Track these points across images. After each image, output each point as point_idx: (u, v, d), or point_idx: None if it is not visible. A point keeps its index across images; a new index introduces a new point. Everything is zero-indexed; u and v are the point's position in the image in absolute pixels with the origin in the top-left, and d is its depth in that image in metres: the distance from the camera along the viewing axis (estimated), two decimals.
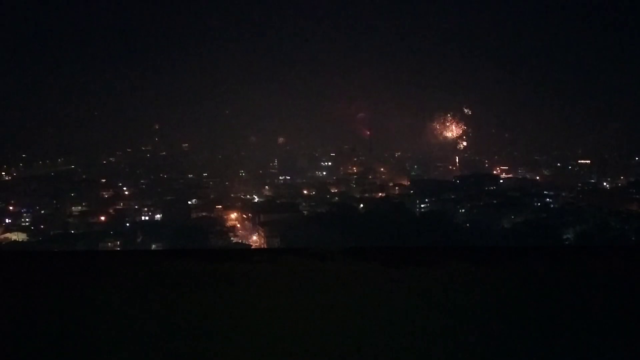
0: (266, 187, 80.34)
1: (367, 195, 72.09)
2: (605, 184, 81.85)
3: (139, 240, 52.02)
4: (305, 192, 75.57)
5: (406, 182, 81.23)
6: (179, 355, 2.97)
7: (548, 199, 67.14)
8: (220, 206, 66.46)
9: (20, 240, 53.14)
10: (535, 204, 65.07)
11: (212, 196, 72.15)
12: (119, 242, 49.88)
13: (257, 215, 59.27)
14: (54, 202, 66.65)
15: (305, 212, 61.88)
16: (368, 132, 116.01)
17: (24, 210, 64.50)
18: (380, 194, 72.75)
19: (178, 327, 3.26)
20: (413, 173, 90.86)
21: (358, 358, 2.97)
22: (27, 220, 62.25)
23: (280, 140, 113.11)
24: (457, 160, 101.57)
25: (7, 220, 60.90)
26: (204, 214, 63.47)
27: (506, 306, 3.63)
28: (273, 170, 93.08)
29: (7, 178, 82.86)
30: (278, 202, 66.75)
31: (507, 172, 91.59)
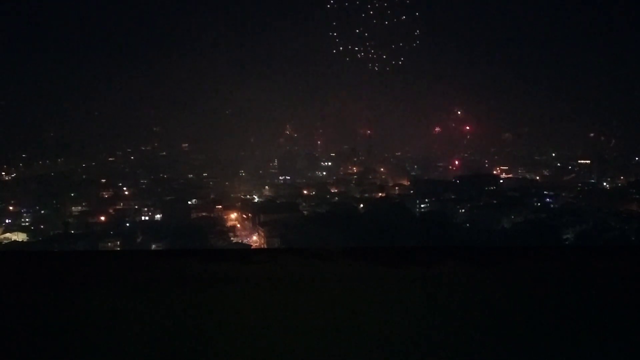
0: (266, 187, 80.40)
1: (367, 195, 72.13)
2: (605, 184, 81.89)
3: (139, 240, 52.03)
4: (305, 192, 75.59)
5: (406, 182, 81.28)
6: (178, 355, 2.98)
7: (548, 199, 67.16)
8: (220, 206, 66.51)
9: (20, 240, 53.17)
10: (535, 204, 65.08)
11: (212, 196, 72.20)
12: (119, 242, 49.88)
13: (257, 215, 59.28)
14: (54, 202, 66.68)
15: (305, 212, 61.89)
16: (368, 133, 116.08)
17: (24, 210, 64.57)
18: (380, 194, 72.78)
19: (178, 327, 3.26)
20: (413, 173, 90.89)
21: (358, 358, 2.97)
22: (27, 220, 62.31)
23: (280, 140, 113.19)
24: (457, 160, 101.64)
25: (7, 220, 60.94)
26: (204, 214, 63.51)
27: (506, 306, 3.63)
28: (273, 170, 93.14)
29: (7, 178, 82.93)
30: (278, 202, 66.80)
31: (507, 172, 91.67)
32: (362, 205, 65.62)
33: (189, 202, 67.69)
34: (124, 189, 75.86)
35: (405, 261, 4.49)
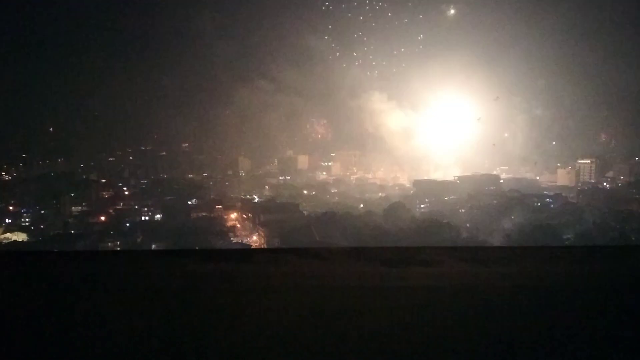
0: (266, 187, 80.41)
1: (367, 195, 72.14)
2: (605, 184, 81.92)
3: (139, 240, 52.04)
4: (305, 192, 75.59)
5: (406, 182, 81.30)
6: (178, 355, 2.97)
7: (548, 199, 67.19)
8: (220, 206, 66.51)
9: (20, 240, 53.17)
10: (535, 204, 65.11)
11: (212, 196, 72.18)
12: (119, 242, 49.90)
13: (257, 215, 59.28)
14: (54, 202, 66.67)
15: (305, 212, 61.90)
16: (368, 133, 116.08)
17: (24, 210, 64.56)
18: (380, 194, 72.79)
19: (178, 327, 3.26)
20: (413, 173, 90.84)
21: (358, 358, 2.97)
22: (27, 220, 62.30)
23: (280, 140, 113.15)
24: (456, 160, 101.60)
25: (7, 220, 60.95)
26: (204, 214, 63.49)
27: (506, 306, 3.63)
28: (273, 170, 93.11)
29: (7, 178, 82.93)
30: (278, 202, 66.79)
31: (507, 172, 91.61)
32: (362, 205, 65.64)
33: (189, 202, 67.68)
34: (124, 189, 75.89)
35: (405, 261, 4.49)
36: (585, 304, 3.66)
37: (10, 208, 65.30)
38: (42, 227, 59.64)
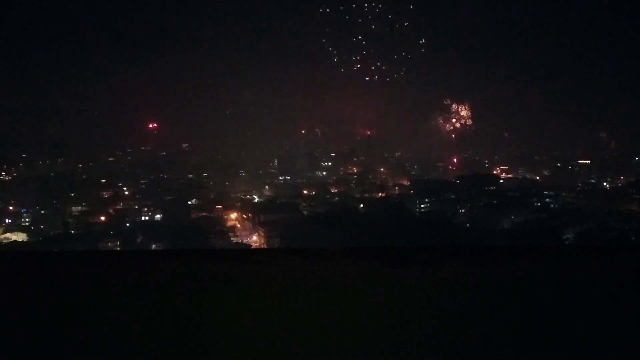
0: (266, 187, 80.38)
1: (367, 195, 72.04)
2: (605, 184, 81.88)
3: (139, 240, 51.94)
4: (305, 192, 75.51)
5: (406, 182, 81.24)
6: (179, 355, 2.97)
7: (548, 199, 67.08)
8: (220, 206, 66.43)
9: (20, 240, 53.09)
10: (535, 204, 64.99)
11: (212, 196, 72.10)
12: (119, 242, 49.80)
13: (257, 215, 59.21)
14: (54, 202, 66.58)
15: (305, 212, 61.81)
16: (368, 133, 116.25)
17: (24, 210, 64.46)
18: (380, 194, 72.67)
19: (178, 327, 3.26)
20: (413, 173, 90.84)
21: (358, 358, 2.97)
22: (27, 220, 62.20)
23: (280, 140, 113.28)
24: (457, 160, 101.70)
25: (7, 220, 60.86)
26: (204, 214, 63.38)
27: (506, 306, 3.63)
28: (273, 170, 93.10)
29: (7, 178, 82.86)
30: (278, 202, 66.70)
31: (507, 172, 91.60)
32: (362, 205, 65.53)
33: (189, 202, 67.54)
34: (124, 189, 75.73)
35: (405, 261, 4.49)
36: (585, 304, 3.65)
37: (10, 208, 65.20)
38: (42, 227, 59.52)
